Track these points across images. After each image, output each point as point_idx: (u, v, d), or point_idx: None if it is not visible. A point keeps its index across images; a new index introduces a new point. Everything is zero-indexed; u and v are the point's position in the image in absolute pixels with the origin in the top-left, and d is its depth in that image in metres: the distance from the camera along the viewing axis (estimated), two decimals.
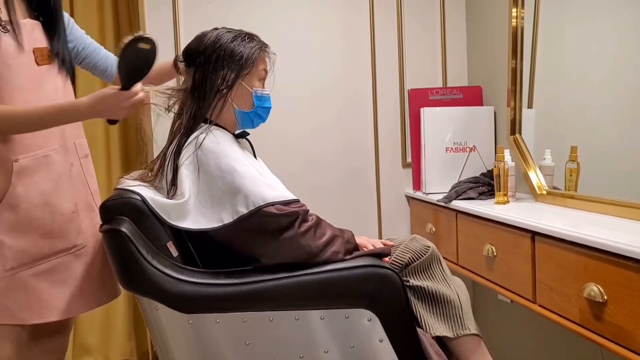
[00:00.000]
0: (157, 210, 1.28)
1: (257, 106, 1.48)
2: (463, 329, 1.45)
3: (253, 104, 1.48)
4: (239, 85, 1.45)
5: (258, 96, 1.48)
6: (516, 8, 2.09)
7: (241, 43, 1.45)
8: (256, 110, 1.49)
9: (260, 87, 1.49)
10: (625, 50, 1.72)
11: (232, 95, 1.45)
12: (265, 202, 1.27)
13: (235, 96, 1.45)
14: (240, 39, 1.46)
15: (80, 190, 1.48)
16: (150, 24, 2.34)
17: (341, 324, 1.30)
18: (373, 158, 2.58)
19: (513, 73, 2.12)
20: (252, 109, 1.48)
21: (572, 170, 1.81)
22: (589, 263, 1.29)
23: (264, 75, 1.51)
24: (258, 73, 1.48)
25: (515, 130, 2.13)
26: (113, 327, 2.52)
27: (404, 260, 1.49)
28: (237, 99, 1.46)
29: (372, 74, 2.55)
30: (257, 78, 1.48)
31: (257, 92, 1.48)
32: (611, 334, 1.23)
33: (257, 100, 1.48)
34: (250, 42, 1.47)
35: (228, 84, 1.43)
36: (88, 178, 1.53)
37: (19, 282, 1.34)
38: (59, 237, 1.40)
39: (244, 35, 1.47)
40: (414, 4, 2.58)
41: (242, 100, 1.47)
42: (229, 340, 1.28)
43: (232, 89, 1.44)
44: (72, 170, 1.46)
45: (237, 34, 1.46)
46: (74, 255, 1.43)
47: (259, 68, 1.48)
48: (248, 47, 1.45)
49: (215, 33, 1.46)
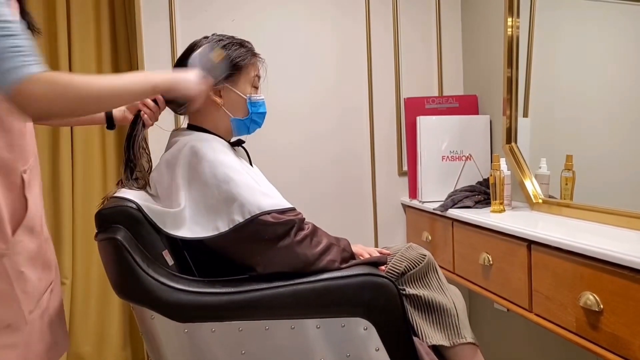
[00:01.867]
0: (152, 219, 1.28)
1: (252, 112, 1.48)
2: (459, 338, 1.45)
3: (247, 110, 1.47)
4: (231, 92, 1.45)
5: (252, 102, 1.47)
6: (511, 17, 2.11)
7: (232, 48, 1.45)
8: (251, 117, 1.48)
9: (254, 93, 1.49)
10: (619, 60, 1.73)
11: (225, 102, 1.45)
12: (261, 211, 1.27)
13: (229, 104, 1.45)
14: (230, 45, 1.45)
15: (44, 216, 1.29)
16: (147, 33, 2.35)
17: (337, 333, 1.29)
18: (369, 166, 2.58)
19: (509, 82, 2.12)
20: (247, 116, 1.48)
21: (567, 179, 1.82)
22: (585, 272, 1.29)
23: (256, 82, 1.50)
24: (250, 79, 1.48)
25: (511, 139, 2.13)
26: (108, 336, 2.50)
27: (400, 269, 1.49)
28: (230, 107, 1.46)
29: (368, 83, 2.56)
30: (250, 84, 1.48)
31: (251, 98, 1.47)
32: (607, 343, 1.23)
33: (251, 107, 1.47)
34: (240, 48, 1.46)
35: (218, 90, 1.43)
36: None
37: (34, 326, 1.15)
38: (50, 266, 1.25)
39: (235, 42, 1.47)
40: (410, 13, 2.59)
41: (235, 107, 1.46)
42: (224, 350, 1.27)
43: (223, 96, 1.44)
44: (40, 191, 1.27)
45: (229, 42, 1.46)
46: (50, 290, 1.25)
47: (250, 74, 1.48)
48: (237, 53, 1.45)
49: (205, 41, 1.46)
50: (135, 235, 1.26)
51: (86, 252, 2.46)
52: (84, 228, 2.46)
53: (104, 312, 2.50)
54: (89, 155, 2.48)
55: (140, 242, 1.27)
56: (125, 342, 2.54)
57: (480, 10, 2.47)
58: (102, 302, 2.49)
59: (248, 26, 2.43)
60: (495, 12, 2.30)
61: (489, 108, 2.43)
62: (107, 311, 2.50)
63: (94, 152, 2.47)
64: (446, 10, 2.62)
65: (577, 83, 1.92)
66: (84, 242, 2.46)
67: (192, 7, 2.40)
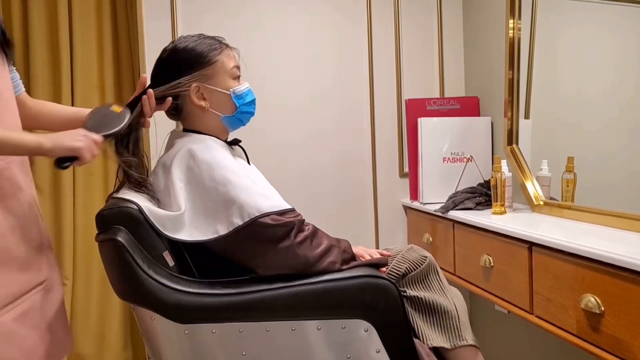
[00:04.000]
0: (152, 221, 1.28)
1: (240, 105, 1.44)
2: (460, 340, 1.45)
3: (235, 105, 1.44)
4: (213, 91, 1.41)
5: (237, 95, 1.43)
6: (513, 19, 2.10)
7: (202, 44, 1.41)
8: (240, 110, 1.45)
9: (235, 85, 1.44)
10: (621, 61, 1.73)
11: (211, 103, 1.42)
12: (261, 213, 1.27)
13: (214, 103, 1.42)
14: (200, 41, 1.41)
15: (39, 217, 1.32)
16: (148, 34, 2.34)
17: (338, 335, 1.29)
18: (370, 168, 2.58)
19: (510, 83, 2.12)
20: (236, 110, 1.44)
21: (568, 181, 1.82)
22: (586, 274, 1.29)
23: (237, 73, 1.45)
24: (229, 72, 1.43)
25: (512, 140, 2.13)
26: (108, 337, 2.50)
27: (400, 271, 1.48)
28: (217, 106, 1.43)
29: (370, 84, 2.56)
30: (230, 77, 1.43)
31: (235, 91, 1.43)
32: (608, 346, 1.23)
33: (237, 100, 1.43)
34: (211, 42, 1.42)
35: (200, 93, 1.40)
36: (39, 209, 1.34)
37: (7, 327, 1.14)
38: (34, 269, 1.24)
39: (204, 37, 1.43)
40: (411, 14, 2.59)
41: (221, 105, 1.43)
42: (225, 351, 1.27)
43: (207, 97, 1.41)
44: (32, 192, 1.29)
45: (198, 39, 1.42)
46: (44, 290, 1.26)
47: (228, 66, 1.42)
48: (207, 47, 1.41)
49: (172, 44, 1.43)
50: (136, 236, 1.26)
51: (87, 252, 2.46)
52: (84, 229, 2.46)
53: (104, 313, 2.50)
54: (90, 164, 2.47)
55: (141, 243, 1.27)
56: (125, 343, 2.54)
57: (482, 11, 2.46)
58: (102, 303, 2.49)
59: (249, 26, 2.42)
60: (496, 13, 2.30)
61: (490, 110, 2.42)
62: (108, 312, 2.50)
63: (96, 160, 2.47)
64: (448, 11, 2.62)
65: (579, 85, 1.92)
66: (85, 243, 2.46)
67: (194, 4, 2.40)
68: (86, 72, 2.45)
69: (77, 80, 2.44)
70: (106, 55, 2.49)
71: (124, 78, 2.55)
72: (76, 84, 2.44)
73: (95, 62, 2.46)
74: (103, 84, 2.50)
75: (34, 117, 1.44)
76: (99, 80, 2.49)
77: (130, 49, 2.52)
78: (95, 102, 2.47)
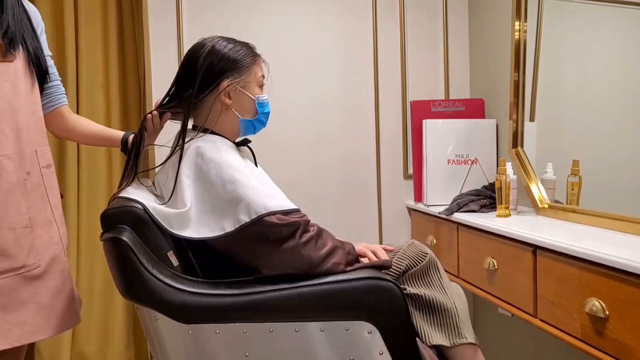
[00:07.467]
0: (158, 219, 1.28)
1: (260, 112, 1.50)
2: (460, 338, 1.44)
3: (256, 110, 1.50)
4: (241, 94, 1.46)
5: (259, 103, 1.50)
6: (519, 21, 2.10)
7: (238, 50, 1.47)
8: (259, 117, 1.51)
9: (260, 94, 1.51)
10: (627, 64, 1.72)
11: (234, 103, 1.46)
12: (268, 211, 1.27)
13: (238, 105, 1.47)
14: (236, 46, 1.47)
15: (38, 202, 1.38)
16: (153, 33, 2.35)
17: (341, 336, 1.29)
18: (374, 169, 2.58)
19: (515, 86, 2.12)
20: (256, 117, 1.50)
21: (573, 184, 1.81)
22: (590, 278, 1.29)
23: (262, 82, 1.52)
24: (257, 80, 1.50)
25: (517, 143, 2.13)
26: (111, 336, 2.51)
27: (401, 267, 1.48)
28: (239, 108, 1.47)
29: (375, 85, 2.56)
30: (257, 85, 1.50)
31: (259, 99, 1.49)
32: (613, 350, 1.22)
33: (259, 107, 1.50)
34: (245, 49, 1.48)
35: (227, 92, 1.44)
36: (49, 190, 1.41)
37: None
38: (6, 255, 1.29)
39: (240, 43, 1.49)
40: (416, 16, 2.59)
41: (244, 108, 1.48)
42: (228, 351, 1.27)
43: (232, 97, 1.45)
44: (28, 180, 1.35)
45: (234, 43, 1.48)
46: (21, 277, 1.31)
47: (257, 75, 1.50)
48: (243, 54, 1.47)
49: (210, 43, 1.46)
50: (141, 236, 1.27)
51: (91, 252, 2.47)
52: (88, 228, 2.46)
53: (108, 313, 2.50)
54: (95, 154, 2.48)
55: (145, 242, 1.27)
56: (129, 342, 2.55)
57: (488, 13, 2.46)
58: (106, 302, 2.50)
59: (255, 26, 2.43)
60: (502, 15, 2.30)
61: (496, 112, 2.42)
62: (111, 311, 2.50)
63: (99, 150, 2.48)
64: (453, 13, 2.62)
65: (584, 87, 1.92)
66: (89, 242, 2.47)
67: (199, 3, 2.40)
68: (91, 71, 2.46)
69: (82, 79, 2.45)
70: (111, 54, 2.49)
71: (129, 77, 2.55)
72: (81, 83, 2.45)
73: (101, 61, 2.47)
74: (108, 83, 2.50)
75: (70, 129, 1.59)
76: (104, 80, 2.49)
77: (136, 48, 2.53)
78: (100, 101, 2.48)
